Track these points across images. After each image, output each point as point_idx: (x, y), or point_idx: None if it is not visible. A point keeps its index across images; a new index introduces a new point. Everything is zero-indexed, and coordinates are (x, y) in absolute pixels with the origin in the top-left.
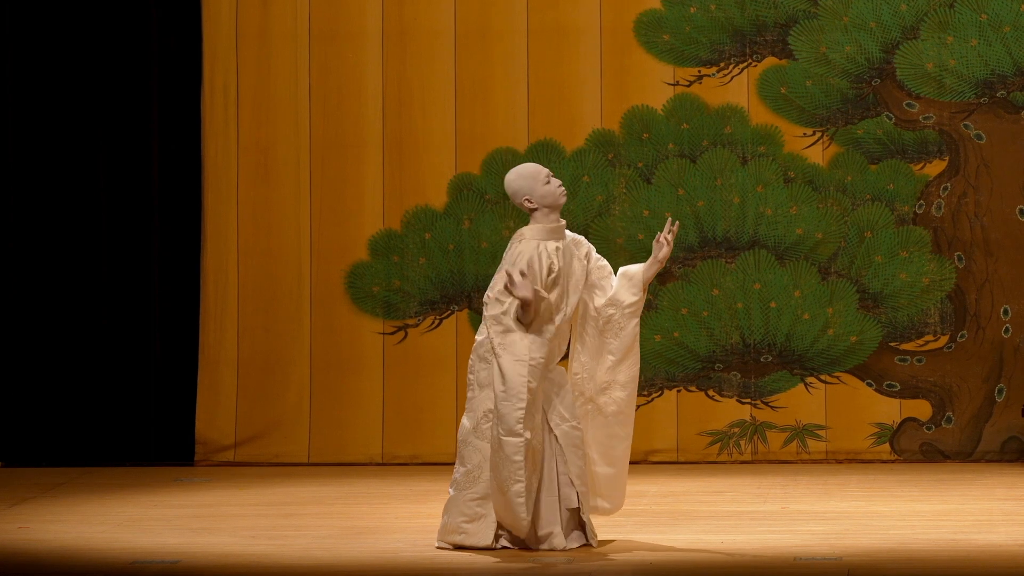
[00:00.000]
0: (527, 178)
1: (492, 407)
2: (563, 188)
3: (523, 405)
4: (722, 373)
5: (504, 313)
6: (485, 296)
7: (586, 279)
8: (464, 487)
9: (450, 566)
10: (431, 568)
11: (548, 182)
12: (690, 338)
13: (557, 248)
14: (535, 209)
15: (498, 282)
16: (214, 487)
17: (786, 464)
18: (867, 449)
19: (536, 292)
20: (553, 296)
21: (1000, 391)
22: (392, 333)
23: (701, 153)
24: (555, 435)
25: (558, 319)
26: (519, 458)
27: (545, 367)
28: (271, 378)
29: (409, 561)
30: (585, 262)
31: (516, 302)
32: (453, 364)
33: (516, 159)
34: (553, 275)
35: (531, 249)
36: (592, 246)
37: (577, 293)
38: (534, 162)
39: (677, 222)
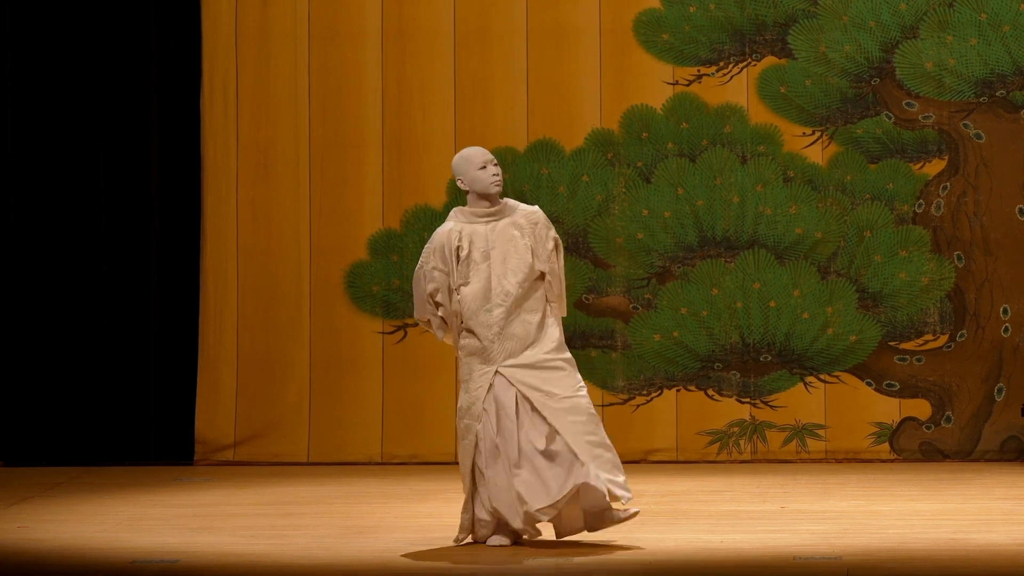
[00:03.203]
0: (465, 160)
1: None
2: (498, 179)
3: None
4: (721, 372)
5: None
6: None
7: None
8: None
9: (449, 566)
10: (431, 568)
11: (484, 167)
12: (689, 338)
13: (479, 231)
14: (467, 192)
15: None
16: (214, 487)
17: (785, 463)
18: (866, 448)
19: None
20: (472, 279)
21: (999, 390)
22: (391, 333)
23: (700, 152)
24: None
25: (496, 295)
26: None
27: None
28: (271, 378)
29: (409, 561)
30: (528, 240)
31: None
32: (452, 364)
33: (516, 158)
34: (464, 256)
35: (443, 233)
36: (542, 223)
37: (522, 270)
38: (534, 161)
39: None
